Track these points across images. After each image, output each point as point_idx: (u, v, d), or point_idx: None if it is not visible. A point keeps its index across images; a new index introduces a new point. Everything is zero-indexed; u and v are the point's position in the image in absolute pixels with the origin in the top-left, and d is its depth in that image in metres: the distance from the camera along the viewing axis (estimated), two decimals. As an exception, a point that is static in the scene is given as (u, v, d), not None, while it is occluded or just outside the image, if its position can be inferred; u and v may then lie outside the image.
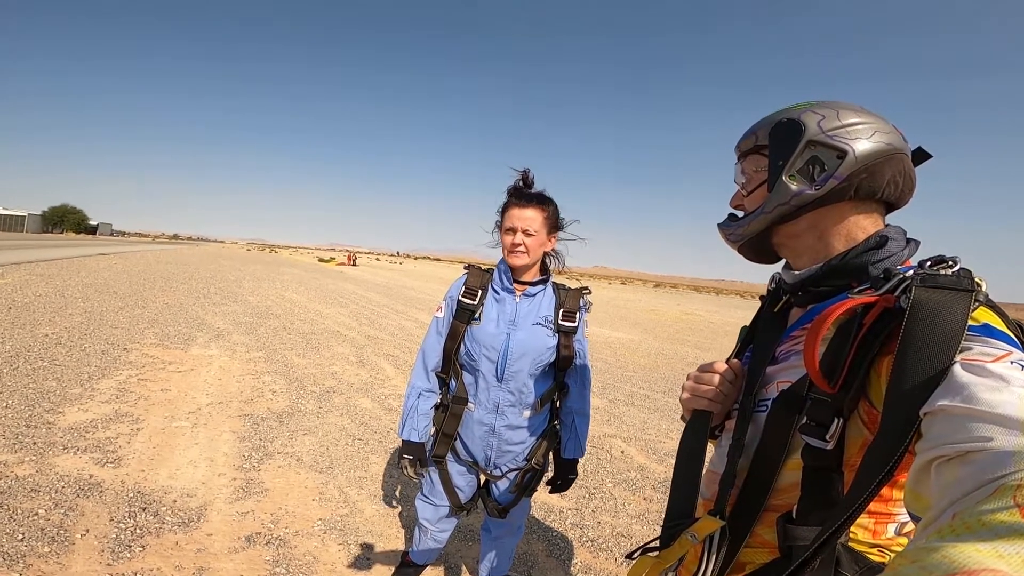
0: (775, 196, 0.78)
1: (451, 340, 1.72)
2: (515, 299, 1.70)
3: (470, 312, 1.69)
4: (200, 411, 3.98)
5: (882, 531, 0.70)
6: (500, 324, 1.68)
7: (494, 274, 1.75)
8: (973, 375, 0.52)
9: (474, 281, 1.73)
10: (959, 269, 0.64)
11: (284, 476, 3.05)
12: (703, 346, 11.96)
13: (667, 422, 5.12)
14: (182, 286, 12.46)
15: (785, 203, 0.77)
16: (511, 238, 1.64)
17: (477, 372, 1.69)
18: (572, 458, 1.80)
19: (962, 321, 0.57)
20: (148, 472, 2.89)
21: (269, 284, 15.75)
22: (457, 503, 1.81)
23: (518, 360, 1.65)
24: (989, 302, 0.62)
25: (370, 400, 4.78)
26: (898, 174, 0.75)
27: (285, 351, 6.44)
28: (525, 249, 1.63)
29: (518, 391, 1.68)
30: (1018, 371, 0.51)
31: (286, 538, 2.42)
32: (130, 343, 5.86)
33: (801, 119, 0.76)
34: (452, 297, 1.75)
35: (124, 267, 16.33)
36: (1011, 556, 0.34)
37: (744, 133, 0.86)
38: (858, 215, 0.77)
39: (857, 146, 0.73)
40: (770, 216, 0.79)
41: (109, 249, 29.81)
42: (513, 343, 1.65)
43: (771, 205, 0.78)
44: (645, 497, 3.30)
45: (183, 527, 2.42)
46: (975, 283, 0.60)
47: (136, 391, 4.25)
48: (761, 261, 0.90)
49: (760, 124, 0.82)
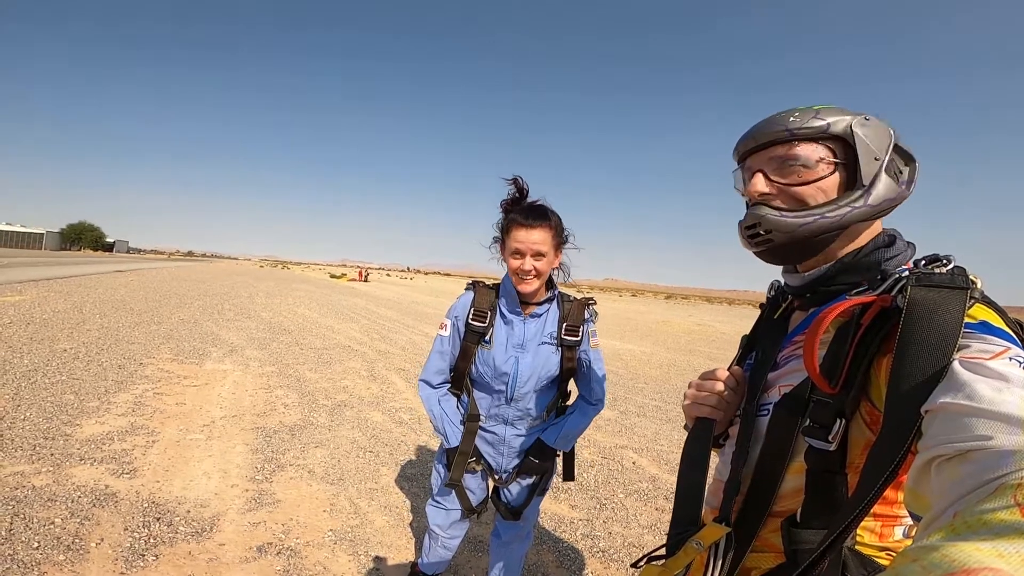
0: (881, 190, 0.73)
1: (463, 361, 1.69)
2: (522, 321, 1.67)
3: (480, 334, 1.66)
4: (214, 424, 4.02)
5: (889, 534, 0.70)
6: (508, 348, 1.66)
7: (500, 293, 1.69)
8: (973, 373, 0.52)
9: (482, 302, 1.67)
10: (953, 267, 0.64)
11: (296, 488, 3.07)
12: (715, 357, 11.82)
13: (679, 433, 5.06)
14: (196, 302, 12.63)
15: (891, 199, 0.74)
16: (519, 262, 1.53)
17: (489, 391, 1.71)
18: (542, 440, 1.73)
19: (958, 319, 0.57)
20: (163, 483, 2.92)
21: (281, 300, 15.92)
22: (469, 506, 1.81)
23: (526, 383, 1.66)
24: (985, 299, 0.62)
25: (381, 413, 4.79)
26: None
27: (297, 366, 6.50)
28: (536, 273, 1.55)
29: (526, 408, 1.71)
30: (1016, 367, 0.52)
31: (297, 548, 2.43)
32: (146, 358, 5.96)
33: (884, 123, 0.76)
34: (459, 318, 1.69)
35: (140, 284, 16.61)
36: (1012, 555, 0.34)
37: (804, 114, 0.75)
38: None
39: (914, 154, 0.76)
40: (875, 209, 0.73)
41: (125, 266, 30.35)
42: (522, 367, 1.65)
43: (877, 199, 0.73)
44: (657, 507, 3.26)
45: (196, 537, 2.43)
46: (970, 281, 0.60)
47: (152, 404, 4.31)
48: (785, 261, 0.83)
49: (825, 112, 0.75)
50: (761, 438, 0.77)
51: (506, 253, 1.59)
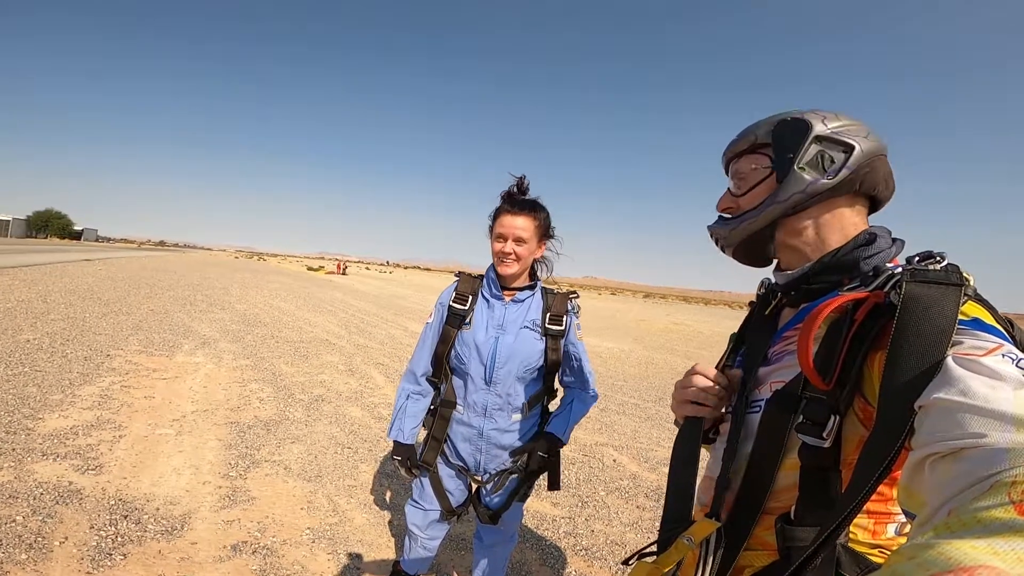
0: (789, 185, 0.78)
1: (442, 344, 1.73)
2: (503, 304, 1.71)
3: (461, 317, 1.71)
4: (185, 418, 3.90)
5: (882, 531, 0.70)
6: (489, 329, 1.69)
7: (484, 280, 1.76)
8: (966, 369, 0.52)
9: (465, 287, 1.75)
10: (947, 264, 0.65)
11: (271, 484, 2.99)
12: (692, 356, 12.00)
13: (658, 430, 5.11)
14: (168, 293, 12.26)
15: (801, 191, 0.78)
16: (501, 245, 1.64)
17: (466, 376, 1.70)
18: (551, 433, 1.72)
19: (953, 315, 0.57)
20: (130, 480, 2.82)
21: (257, 292, 15.58)
22: (448, 507, 1.79)
23: (505, 364, 1.66)
24: (978, 296, 0.63)
25: (359, 409, 4.72)
26: (888, 174, 0.80)
27: (273, 359, 6.35)
28: (516, 257, 1.63)
29: (505, 394, 1.69)
30: (1009, 364, 0.52)
31: (273, 547, 2.36)
32: (113, 349, 5.75)
33: (805, 117, 0.79)
34: (443, 303, 1.75)
35: (108, 273, 16.04)
36: (1006, 553, 0.34)
37: (737, 136, 0.87)
38: (852, 211, 0.80)
39: (860, 143, 0.77)
40: (784, 205, 0.79)
41: (94, 255, 29.21)
42: (501, 347, 1.67)
43: (785, 195, 0.79)
44: (638, 505, 3.28)
45: (166, 535, 2.35)
46: (963, 278, 0.61)
47: (119, 398, 4.15)
48: (752, 263, 0.91)
49: (757, 125, 0.84)
50: (752, 435, 0.77)
51: (492, 237, 1.68)
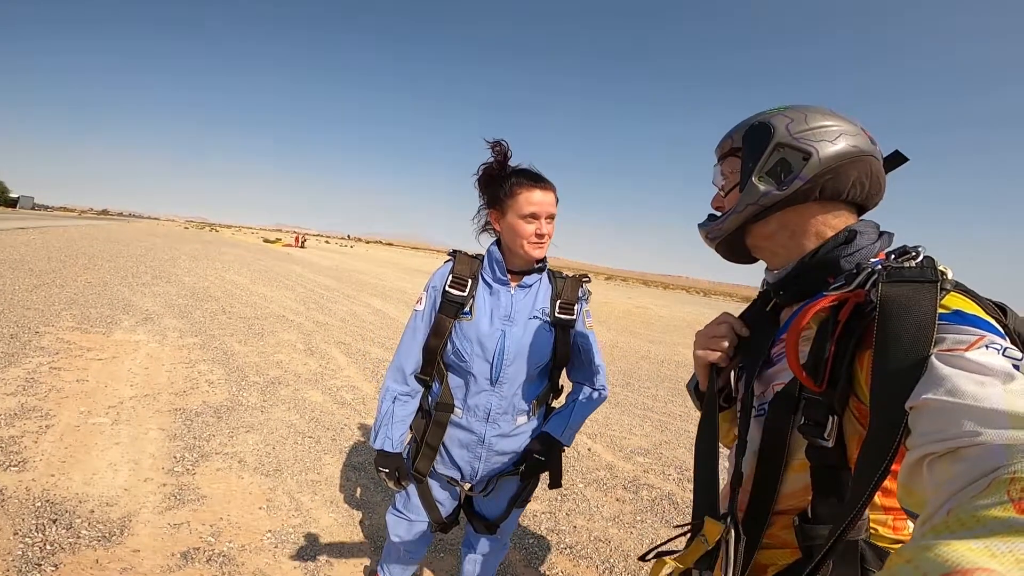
0: (745, 196, 0.80)
1: (436, 337, 1.47)
2: (510, 291, 1.48)
3: (459, 305, 1.45)
4: (123, 405, 3.52)
5: (902, 527, 0.71)
6: (494, 320, 1.46)
7: (484, 262, 1.52)
8: (952, 367, 0.52)
9: (462, 269, 1.49)
10: (923, 259, 0.64)
11: (224, 480, 2.72)
12: (655, 340, 12.13)
13: (628, 417, 5.07)
14: (108, 264, 11.37)
15: (754, 203, 0.79)
16: (534, 226, 1.41)
17: (468, 375, 1.46)
18: (548, 433, 1.53)
19: (931, 313, 0.57)
20: (59, 477, 2.49)
21: (208, 264, 14.71)
22: (438, 519, 1.60)
23: (514, 361, 1.45)
24: (959, 286, 0.62)
25: (320, 392, 4.43)
26: (864, 176, 0.76)
27: (224, 337, 5.92)
28: (550, 237, 1.45)
29: (511, 395, 1.48)
30: (995, 355, 0.52)
31: (231, 554, 2.12)
32: (43, 326, 5.19)
33: (771, 122, 0.78)
34: (436, 288, 1.50)
35: (44, 243, 14.77)
36: (1004, 555, 0.34)
37: (722, 138, 0.88)
38: (826, 215, 0.78)
39: (822, 148, 0.74)
40: (742, 215, 0.81)
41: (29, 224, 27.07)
42: (509, 341, 1.44)
43: (742, 205, 0.81)
44: (617, 498, 3.19)
45: (103, 542, 2.07)
46: (939, 272, 0.61)
47: (47, 382, 3.72)
48: (738, 260, 0.93)
49: (736, 128, 0.85)
50: (759, 436, 0.78)
51: (513, 217, 1.43)
